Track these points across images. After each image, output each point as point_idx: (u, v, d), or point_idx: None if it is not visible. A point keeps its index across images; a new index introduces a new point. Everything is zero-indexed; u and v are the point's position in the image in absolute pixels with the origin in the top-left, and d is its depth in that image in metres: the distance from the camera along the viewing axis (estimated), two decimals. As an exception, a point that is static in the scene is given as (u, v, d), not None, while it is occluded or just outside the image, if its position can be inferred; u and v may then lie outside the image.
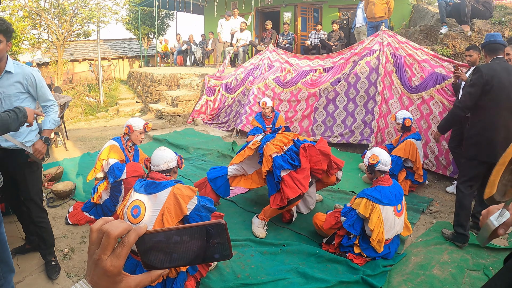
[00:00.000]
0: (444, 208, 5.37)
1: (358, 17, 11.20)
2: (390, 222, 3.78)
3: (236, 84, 9.92)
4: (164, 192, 3.16)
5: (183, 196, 3.14)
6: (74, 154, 8.14)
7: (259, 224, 4.57)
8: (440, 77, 6.57)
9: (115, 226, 0.83)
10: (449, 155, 6.14)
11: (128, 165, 4.71)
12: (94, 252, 0.83)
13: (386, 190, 3.81)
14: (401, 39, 7.42)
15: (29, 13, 15.66)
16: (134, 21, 23.11)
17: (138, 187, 3.27)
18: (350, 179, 6.29)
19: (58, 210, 5.29)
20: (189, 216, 3.14)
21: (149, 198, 3.15)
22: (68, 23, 16.37)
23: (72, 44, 21.27)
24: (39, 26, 16.46)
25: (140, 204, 3.13)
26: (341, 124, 7.76)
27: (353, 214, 3.86)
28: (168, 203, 3.10)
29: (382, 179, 3.91)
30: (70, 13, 16.44)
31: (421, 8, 12.37)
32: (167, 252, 0.85)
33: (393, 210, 3.79)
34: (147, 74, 14.78)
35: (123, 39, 26.29)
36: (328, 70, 8.40)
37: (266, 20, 14.36)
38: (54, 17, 16.59)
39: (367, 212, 3.73)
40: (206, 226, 0.85)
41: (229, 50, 13.49)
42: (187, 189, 3.23)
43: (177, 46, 17.62)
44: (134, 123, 4.84)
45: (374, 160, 3.85)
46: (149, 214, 3.09)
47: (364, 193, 3.84)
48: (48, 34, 16.99)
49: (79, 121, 12.83)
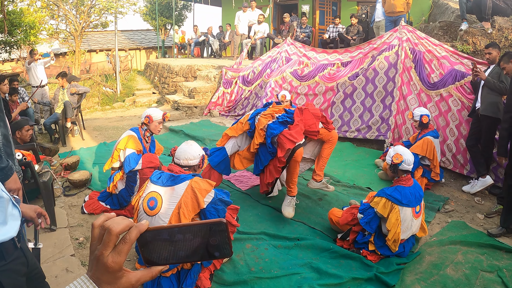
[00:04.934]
0: (460, 207, 5.31)
1: (377, 11, 11.07)
2: (408, 223, 3.75)
3: (253, 76, 9.90)
4: (182, 185, 3.16)
5: (201, 189, 3.14)
6: (91, 143, 8.24)
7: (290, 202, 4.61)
8: (460, 74, 6.47)
9: (116, 223, 0.84)
10: (467, 153, 6.05)
11: (144, 156, 4.75)
12: (96, 248, 0.84)
13: (407, 191, 3.76)
14: (421, 34, 7.32)
15: (47, 4, 15.76)
16: (151, 12, 23.15)
17: (155, 178, 3.28)
18: (366, 175, 6.24)
19: (74, 199, 5.37)
20: (206, 210, 3.15)
21: (166, 191, 3.16)
22: (85, 14, 16.42)
23: (90, 35, 21.36)
24: (57, 16, 16.53)
25: (157, 196, 3.15)
26: (358, 119, 7.72)
27: (371, 212, 3.83)
28: (185, 196, 3.10)
29: (403, 178, 3.86)
30: (88, 4, 16.48)
31: (441, 4, 12.21)
32: (169, 249, 0.87)
33: (412, 211, 3.75)
34: (164, 65, 14.81)
35: (140, 30, 26.35)
36: (346, 64, 8.33)
37: (284, 13, 14.29)
38: (72, 7, 16.65)
39: (386, 212, 3.70)
40: (208, 224, 0.87)
41: (246, 42, 13.46)
42: (204, 182, 3.22)
43: (194, 38, 17.65)
44: (153, 113, 4.90)
45: (398, 159, 3.78)
46: (165, 207, 3.10)
47: (384, 193, 3.80)
48: (66, 24, 17.05)
49: (96, 111, 12.94)
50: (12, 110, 7.59)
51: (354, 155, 7.14)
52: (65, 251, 3.95)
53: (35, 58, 9.64)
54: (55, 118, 8.31)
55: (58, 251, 3.91)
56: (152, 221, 3.10)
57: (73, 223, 4.64)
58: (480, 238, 4.36)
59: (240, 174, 6.03)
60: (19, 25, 11.80)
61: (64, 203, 5.23)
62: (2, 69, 16.91)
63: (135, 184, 4.75)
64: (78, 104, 8.89)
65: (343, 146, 7.54)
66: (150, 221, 3.12)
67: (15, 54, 14.62)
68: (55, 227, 4.40)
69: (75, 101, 8.75)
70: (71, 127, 8.65)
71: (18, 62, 17.78)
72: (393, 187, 3.84)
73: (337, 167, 6.53)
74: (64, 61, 19.41)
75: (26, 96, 9.02)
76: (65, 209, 5.01)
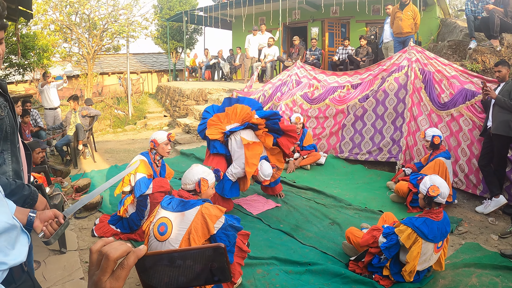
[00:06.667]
0: (473, 228, 5.21)
1: (385, 32, 11.13)
2: (427, 257, 3.65)
3: (264, 100, 9.94)
4: (192, 210, 3.15)
5: (211, 215, 3.13)
6: (102, 166, 8.28)
7: None
8: (470, 93, 6.44)
9: (114, 248, 0.83)
10: (479, 173, 5.98)
11: (155, 181, 4.75)
12: (94, 273, 0.83)
13: (435, 226, 3.62)
14: (430, 54, 7.32)
15: (60, 27, 16.05)
16: (163, 35, 23.47)
17: (165, 204, 3.27)
18: (378, 197, 6.18)
19: (84, 221, 5.38)
20: (216, 235, 3.12)
21: (176, 216, 3.16)
22: (98, 38, 16.71)
23: (102, 58, 21.69)
24: (70, 40, 16.85)
25: (167, 222, 3.14)
26: (369, 142, 7.69)
27: (394, 239, 3.71)
28: (195, 222, 3.09)
29: (435, 211, 3.71)
30: (100, 28, 16.78)
31: (449, 22, 12.25)
32: (169, 274, 0.86)
33: (434, 247, 3.66)
34: (175, 89, 14.95)
35: (152, 53, 26.70)
36: (356, 86, 8.35)
37: (293, 35, 14.41)
38: (84, 31, 16.96)
39: (409, 243, 3.58)
40: (207, 249, 0.86)
41: (257, 65, 13.56)
42: (215, 208, 3.22)
43: (205, 61, 17.84)
44: (157, 136, 4.93)
45: (434, 192, 3.61)
46: (175, 232, 3.09)
47: (412, 224, 3.63)
48: (79, 47, 17.37)
49: (108, 133, 13.07)
50: (24, 132, 7.67)
51: (365, 178, 7.09)
52: (74, 274, 3.94)
53: (48, 81, 9.79)
54: (67, 140, 8.39)
55: (67, 273, 3.90)
56: (162, 247, 3.09)
57: (83, 246, 4.65)
58: (495, 260, 4.26)
59: (251, 199, 6.02)
60: (32, 48, 12.03)
61: (74, 225, 5.24)
62: (16, 90, 17.19)
63: (145, 208, 4.76)
64: (90, 127, 8.98)
65: (354, 169, 7.51)
66: (160, 247, 3.12)
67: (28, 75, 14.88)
68: (65, 249, 4.40)
69: (87, 123, 8.84)
70: (83, 149, 8.72)
71: (31, 83, 18.06)
72: (422, 219, 3.68)
73: (348, 190, 6.48)
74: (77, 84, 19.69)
75: (39, 118, 9.14)
76: (76, 232, 5.03)
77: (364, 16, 14.29)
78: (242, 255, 3.57)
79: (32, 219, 1.83)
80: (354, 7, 12.30)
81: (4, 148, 2.28)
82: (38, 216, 1.86)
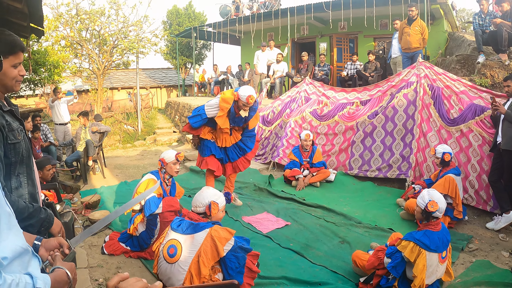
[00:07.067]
0: (484, 245, 5.14)
1: (393, 47, 11.12)
2: (433, 268, 3.65)
3: (273, 116, 9.96)
4: (201, 233, 3.17)
5: (220, 238, 3.15)
6: (112, 182, 8.32)
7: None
8: (479, 108, 6.43)
9: (130, 285, 0.84)
10: (490, 189, 5.92)
11: (164, 200, 4.77)
12: None
13: (435, 236, 3.67)
14: (439, 70, 7.32)
15: (71, 43, 16.26)
16: (172, 51, 23.71)
17: (175, 226, 3.29)
18: (388, 215, 6.12)
19: (94, 238, 5.36)
20: (226, 257, 3.14)
21: (186, 238, 3.17)
22: (108, 54, 16.91)
23: (112, 73, 21.92)
24: (80, 55, 17.06)
25: (177, 244, 3.16)
26: (379, 158, 7.67)
27: (398, 256, 3.72)
28: (205, 245, 3.11)
29: (432, 223, 3.76)
30: (110, 44, 16.98)
31: (457, 36, 12.25)
32: None
33: (438, 257, 3.67)
34: (185, 104, 15.02)
35: (161, 68, 26.97)
36: (365, 103, 8.35)
37: (302, 51, 14.49)
38: (95, 47, 17.20)
39: (413, 257, 3.60)
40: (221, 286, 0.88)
41: (266, 81, 13.62)
42: (224, 231, 3.23)
43: (214, 77, 17.95)
44: (165, 156, 4.97)
45: (433, 207, 3.66)
46: (185, 255, 3.10)
47: (413, 237, 3.69)
48: (89, 63, 17.59)
49: (117, 149, 13.15)
50: (34, 147, 7.73)
51: (375, 195, 7.05)
52: (84, 293, 3.94)
53: (59, 97, 9.90)
54: (77, 156, 8.46)
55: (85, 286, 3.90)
56: (171, 269, 3.10)
57: (93, 263, 4.62)
58: (505, 278, 4.20)
59: (261, 217, 6.00)
60: (43, 64, 12.20)
61: (84, 242, 5.21)
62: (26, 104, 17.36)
63: (155, 227, 4.76)
64: (100, 143, 9.05)
65: (364, 186, 7.47)
66: (169, 269, 3.13)
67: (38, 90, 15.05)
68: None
69: (97, 139, 8.92)
70: (93, 165, 8.79)
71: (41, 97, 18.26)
72: (421, 231, 3.74)
73: (358, 208, 6.44)
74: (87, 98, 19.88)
75: (49, 133, 9.22)
76: (85, 249, 5.01)
77: (372, 31, 14.33)
78: (252, 275, 3.57)
79: (37, 247, 1.83)
80: (362, 22, 12.34)
81: (20, 171, 2.35)
82: (43, 245, 1.85)
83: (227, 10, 18.16)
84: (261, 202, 6.65)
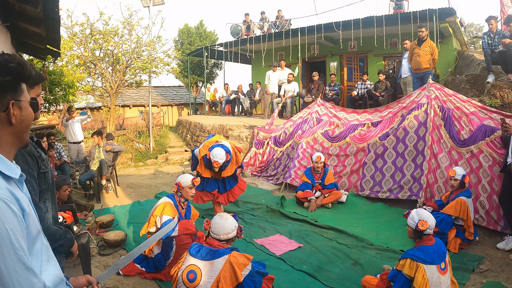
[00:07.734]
0: (495, 266, 5.13)
1: (403, 67, 11.13)
2: (435, 281, 3.70)
3: (285, 137, 10.06)
4: (220, 259, 3.27)
5: (239, 264, 3.24)
6: (125, 201, 8.40)
7: None
8: (489, 129, 6.46)
9: None
10: (500, 209, 5.93)
11: (180, 223, 4.84)
12: None
13: (429, 249, 3.79)
14: (449, 91, 7.38)
15: (85, 62, 16.53)
16: (183, 70, 23.99)
17: (194, 251, 3.38)
18: (400, 236, 6.12)
19: (109, 258, 5.41)
20: (243, 282, 3.22)
21: (205, 264, 3.26)
22: (121, 73, 17.14)
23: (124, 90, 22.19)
24: (94, 74, 17.32)
25: (196, 269, 3.25)
26: (390, 179, 7.72)
27: (401, 277, 3.80)
28: (224, 271, 3.20)
29: (425, 239, 3.90)
30: (123, 63, 17.22)
31: (467, 55, 12.31)
32: None
33: (437, 269, 3.73)
34: (196, 124, 15.14)
35: (172, 86, 27.27)
36: (376, 124, 8.43)
37: (312, 70, 14.63)
38: (108, 66, 17.44)
39: (412, 272, 3.70)
40: None
41: (277, 102, 13.74)
42: (242, 257, 3.33)
43: (225, 96, 18.12)
44: (182, 180, 5.08)
45: (423, 226, 3.83)
46: (204, 280, 3.20)
47: (408, 254, 3.83)
48: (102, 82, 17.84)
49: (129, 167, 13.25)
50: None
51: (387, 216, 7.06)
52: (100, 313, 3.99)
53: (73, 116, 10.08)
54: (90, 175, 8.58)
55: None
56: (191, 293, 3.21)
57: (108, 284, 4.65)
58: (516, 300, 4.26)
59: (274, 239, 6.04)
60: (58, 84, 12.42)
61: (99, 262, 5.28)
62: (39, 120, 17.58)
63: (171, 250, 4.83)
64: (113, 163, 9.18)
65: (375, 207, 7.49)
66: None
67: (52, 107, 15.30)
68: None
69: (110, 159, 9.05)
70: (106, 184, 8.91)
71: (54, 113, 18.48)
72: (415, 248, 3.89)
73: (369, 229, 6.47)
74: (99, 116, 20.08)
75: (63, 151, 9.37)
76: (100, 269, 5.05)
77: (382, 50, 14.43)
78: (267, 298, 3.66)
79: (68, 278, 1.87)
80: (371, 41, 12.47)
81: (47, 197, 2.54)
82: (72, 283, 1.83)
83: (238, 30, 18.41)
84: (273, 224, 6.70)
